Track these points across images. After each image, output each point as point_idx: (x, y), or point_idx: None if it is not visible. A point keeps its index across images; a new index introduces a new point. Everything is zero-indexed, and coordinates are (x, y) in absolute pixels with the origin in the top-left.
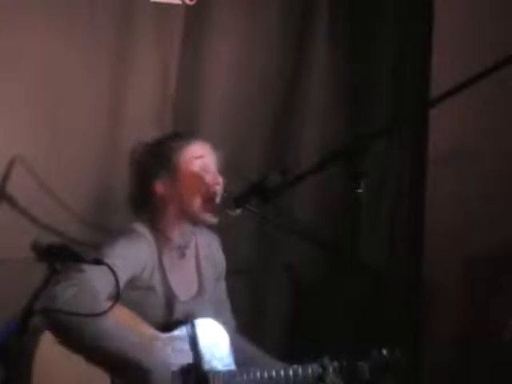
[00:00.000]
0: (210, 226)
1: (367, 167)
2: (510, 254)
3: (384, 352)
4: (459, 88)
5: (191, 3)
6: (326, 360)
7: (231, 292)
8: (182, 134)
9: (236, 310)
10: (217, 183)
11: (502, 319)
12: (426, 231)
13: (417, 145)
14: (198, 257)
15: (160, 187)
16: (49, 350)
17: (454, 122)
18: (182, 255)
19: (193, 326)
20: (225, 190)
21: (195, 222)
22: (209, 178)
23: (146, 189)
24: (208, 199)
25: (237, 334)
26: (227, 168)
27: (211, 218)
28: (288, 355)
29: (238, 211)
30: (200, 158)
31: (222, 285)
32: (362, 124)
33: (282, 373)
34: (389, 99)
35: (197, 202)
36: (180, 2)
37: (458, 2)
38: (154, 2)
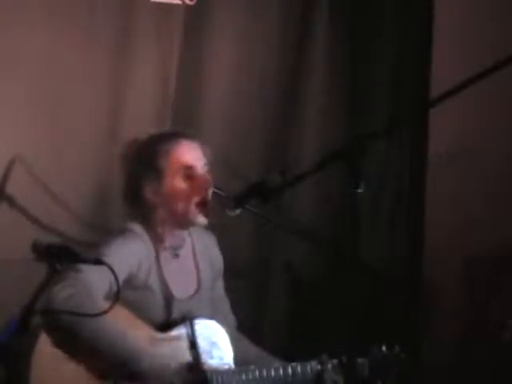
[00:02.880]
0: (209, 226)
1: (367, 167)
2: (510, 253)
3: (383, 349)
4: (459, 88)
5: (191, 3)
6: (325, 357)
7: (231, 292)
8: (168, 134)
9: (236, 310)
10: (206, 187)
11: (502, 319)
12: (426, 231)
13: (417, 145)
14: (196, 256)
15: (149, 192)
16: (49, 349)
17: (454, 122)
18: (176, 256)
19: (192, 325)
20: (224, 189)
21: (186, 224)
22: (198, 184)
23: (136, 192)
24: (199, 203)
25: (237, 331)
26: (227, 168)
27: (202, 220)
28: (288, 355)
29: (238, 211)
30: (189, 167)
31: (220, 283)
32: (362, 124)
33: (281, 371)
34: (389, 99)
35: (187, 207)
36: (180, 2)
37: (457, 2)
38: (154, 2)
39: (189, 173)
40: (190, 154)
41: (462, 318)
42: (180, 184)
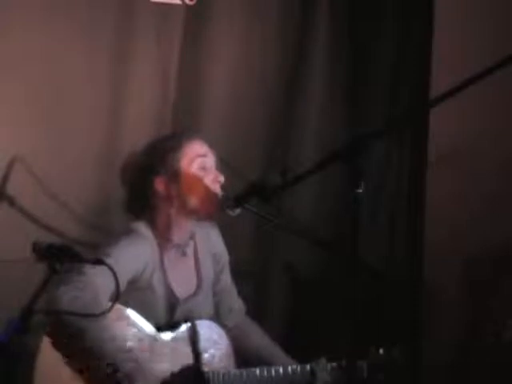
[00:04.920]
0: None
1: (367, 167)
2: (510, 253)
3: (381, 351)
4: (459, 88)
5: (191, 3)
6: (324, 359)
7: None
8: (180, 133)
9: None
10: (218, 181)
11: (502, 319)
12: (426, 231)
13: (417, 145)
14: (197, 253)
15: (160, 184)
16: (49, 350)
17: (454, 122)
18: (183, 254)
19: (194, 327)
20: (224, 189)
21: (196, 218)
22: (210, 176)
23: (146, 187)
24: (209, 197)
25: (246, 316)
26: (227, 168)
27: (211, 215)
28: (287, 355)
29: (238, 211)
30: (203, 156)
31: (226, 274)
32: (361, 124)
33: (281, 371)
34: (389, 99)
35: (197, 200)
36: (180, 2)
37: (458, 2)
38: (154, 2)
39: (203, 162)
40: (203, 148)
41: (462, 318)
42: (195, 172)
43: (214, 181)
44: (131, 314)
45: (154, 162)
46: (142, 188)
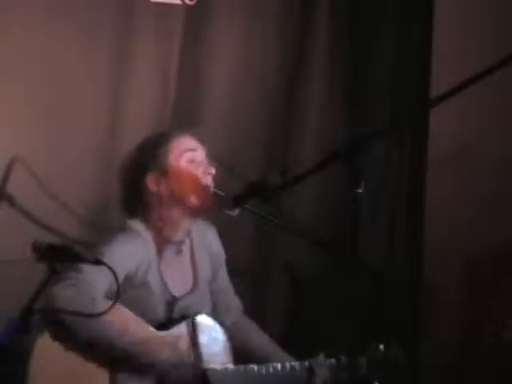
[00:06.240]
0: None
1: (367, 167)
2: (510, 253)
3: (381, 347)
4: (459, 88)
5: (191, 3)
6: (322, 356)
7: None
8: (169, 130)
9: None
10: (208, 173)
11: (502, 319)
12: (426, 231)
13: (417, 145)
14: (193, 251)
15: (151, 181)
16: (48, 349)
17: (454, 122)
18: (179, 251)
19: (194, 324)
20: (223, 189)
21: (191, 213)
22: (200, 169)
23: (139, 184)
24: (200, 189)
25: (243, 315)
26: (227, 168)
27: (205, 209)
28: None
29: (237, 211)
30: (191, 150)
31: (223, 273)
32: (361, 124)
33: (279, 368)
34: (389, 99)
35: (189, 193)
36: (180, 2)
37: (458, 2)
38: (154, 2)
39: (192, 156)
40: (192, 142)
41: (462, 318)
42: (184, 166)
43: (204, 173)
44: (128, 312)
45: (144, 159)
46: (135, 186)
